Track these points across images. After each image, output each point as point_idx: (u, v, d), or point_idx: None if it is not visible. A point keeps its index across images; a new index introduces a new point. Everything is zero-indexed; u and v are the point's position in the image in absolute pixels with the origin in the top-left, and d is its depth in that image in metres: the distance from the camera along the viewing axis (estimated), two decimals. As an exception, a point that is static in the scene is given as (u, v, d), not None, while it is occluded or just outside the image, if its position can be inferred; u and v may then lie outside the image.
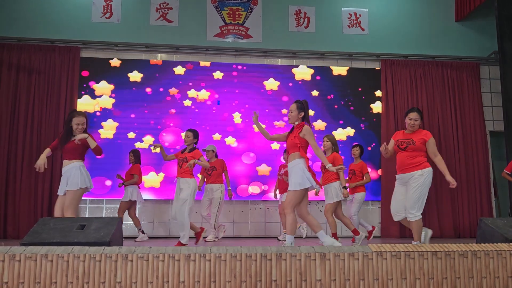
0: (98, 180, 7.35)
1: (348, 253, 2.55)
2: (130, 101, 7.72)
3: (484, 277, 2.59)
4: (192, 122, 7.71)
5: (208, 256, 2.48)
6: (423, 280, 2.55)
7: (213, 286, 2.45)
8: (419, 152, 4.39)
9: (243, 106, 7.94)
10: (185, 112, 7.82)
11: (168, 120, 7.76)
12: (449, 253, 2.60)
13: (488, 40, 8.52)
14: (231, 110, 7.93)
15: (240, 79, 8.03)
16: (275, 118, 7.95)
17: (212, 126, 7.83)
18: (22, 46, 7.59)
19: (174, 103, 7.82)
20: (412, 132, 4.47)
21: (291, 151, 4.38)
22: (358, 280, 2.53)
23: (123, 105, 7.69)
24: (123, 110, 7.67)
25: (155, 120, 7.72)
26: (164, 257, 2.46)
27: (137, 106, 7.72)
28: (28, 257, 2.41)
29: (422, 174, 4.32)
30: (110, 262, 2.44)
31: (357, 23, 8.43)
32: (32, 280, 2.39)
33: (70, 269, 2.41)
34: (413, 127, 4.45)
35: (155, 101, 7.78)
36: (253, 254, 2.51)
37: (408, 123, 4.47)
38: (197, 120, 7.77)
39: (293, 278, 2.50)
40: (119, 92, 7.72)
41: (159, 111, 7.76)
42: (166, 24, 8.04)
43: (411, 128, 4.46)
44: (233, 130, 7.86)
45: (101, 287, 2.41)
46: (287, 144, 4.48)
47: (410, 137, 4.43)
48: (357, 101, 8.17)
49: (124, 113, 7.67)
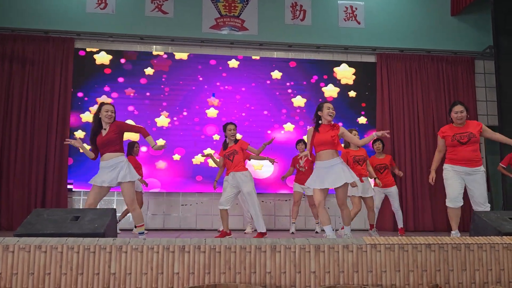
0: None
1: (342, 245, 2.56)
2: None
3: (477, 270, 2.61)
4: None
5: (203, 247, 2.48)
6: (416, 272, 2.56)
7: (207, 278, 2.45)
8: (478, 145, 4.56)
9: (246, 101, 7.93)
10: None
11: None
12: (442, 246, 2.61)
13: (483, 35, 8.53)
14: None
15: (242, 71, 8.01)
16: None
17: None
18: (15, 36, 7.51)
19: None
20: (463, 125, 4.58)
21: (327, 147, 4.38)
22: (352, 272, 2.54)
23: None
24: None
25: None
26: (159, 248, 2.46)
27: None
28: (22, 248, 2.40)
29: (484, 170, 4.58)
30: (104, 253, 2.43)
31: (353, 16, 8.41)
32: (26, 271, 2.39)
33: (64, 260, 2.40)
34: (462, 119, 4.54)
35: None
36: (247, 246, 2.51)
37: (455, 116, 4.57)
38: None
39: (288, 270, 2.50)
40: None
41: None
42: (162, 15, 7.99)
43: (459, 121, 4.56)
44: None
45: (95, 278, 2.40)
46: (319, 141, 4.42)
47: (467, 130, 4.53)
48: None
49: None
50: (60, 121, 7.39)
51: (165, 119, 7.71)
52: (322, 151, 4.38)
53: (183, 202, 7.61)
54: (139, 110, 7.68)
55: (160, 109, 7.74)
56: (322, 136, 4.38)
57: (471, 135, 4.48)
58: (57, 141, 7.29)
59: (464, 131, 4.52)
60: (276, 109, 7.97)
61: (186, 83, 7.86)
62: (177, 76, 7.85)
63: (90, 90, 7.63)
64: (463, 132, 4.52)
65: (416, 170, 7.97)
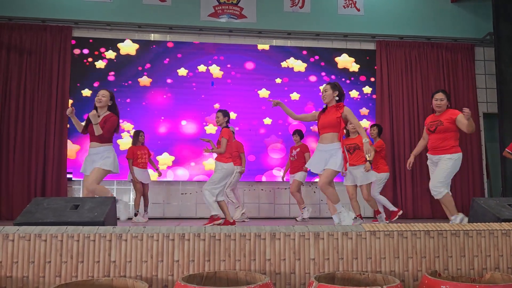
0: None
1: (341, 232, 2.57)
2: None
3: (475, 256, 2.62)
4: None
5: (203, 235, 2.49)
6: (415, 259, 2.57)
7: (207, 266, 2.46)
8: (449, 134, 4.41)
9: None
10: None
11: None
12: (441, 232, 2.62)
13: (483, 21, 8.48)
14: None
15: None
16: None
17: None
18: (12, 25, 7.45)
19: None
20: (441, 113, 4.52)
21: (327, 130, 4.30)
22: (352, 259, 2.54)
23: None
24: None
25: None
26: (159, 236, 2.46)
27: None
28: (22, 237, 2.40)
29: (451, 158, 4.38)
30: (104, 241, 2.43)
31: (352, 3, 8.35)
32: (26, 260, 2.39)
33: (64, 249, 2.41)
34: (440, 107, 4.49)
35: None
36: (247, 234, 2.51)
37: (434, 104, 4.53)
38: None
39: (287, 257, 2.51)
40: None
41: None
42: (159, 3, 7.92)
43: (437, 109, 4.52)
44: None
45: (96, 266, 2.41)
46: (321, 123, 4.37)
47: (439, 118, 4.48)
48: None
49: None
50: (59, 110, 7.36)
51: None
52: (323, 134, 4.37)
53: (183, 191, 7.62)
54: (136, 109, 7.68)
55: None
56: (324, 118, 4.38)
57: (439, 123, 4.44)
58: (56, 130, 7.28)
59: (436, 120, 4.51)
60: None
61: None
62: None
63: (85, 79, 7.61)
64: (435, 121, 4.51)
65: (414, 158, 7.95)
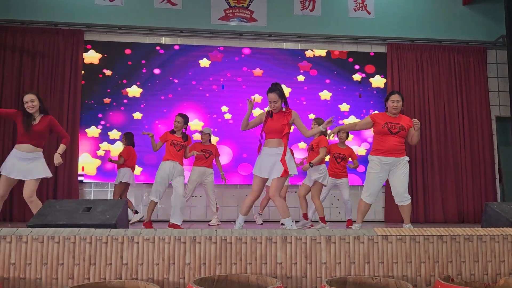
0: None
1: (353, 236, 2.55)
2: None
3: (489, 261, 2.59)
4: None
5: (214, 238, 2.49)
6: (428, 264, 2.55)
7: (218, 269, 2.46)
8: (404, 139, 4.56)
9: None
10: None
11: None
12: (454, 237, 2.60)
13: (495, 24, 8.40)
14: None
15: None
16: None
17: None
18: (25, 29, 7.54)
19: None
20: (396, 115, 4.56)
21: (274, 136, 4.20)
22: (363, 263, 2.53)
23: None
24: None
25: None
26: (170, 239, 2.47)
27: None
28: (35, 239, 2.42)
29: (408, 161, 4.55)
30: (116, 244, 2.45)
31: (363, 6, 8.32)
32: (39, 261, 2.41)
33: (77, 251, 2.42)
34: (397, 109, 4.53)
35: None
36: (258, 237, 2.51)
37: (391, 105, 4.53)
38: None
39: (299, 261, 2.50)
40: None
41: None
42: (170, 7, 7.96)
43: (394, 111, 4.54)
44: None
45: (108, 269, 2.42)
46: (268, 128, 4.24)
47: (399, 122, 4.51)
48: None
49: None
50: (71, 113, 7.42)
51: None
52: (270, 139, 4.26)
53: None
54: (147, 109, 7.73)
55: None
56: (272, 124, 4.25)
57: (402, 127, 4.48)
58: (68, 132, 7.33)
59: (396, 122, 4.51)
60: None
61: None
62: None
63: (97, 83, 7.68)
64: (396, 123, 4.50)
65: (426, 162, 7.91)
